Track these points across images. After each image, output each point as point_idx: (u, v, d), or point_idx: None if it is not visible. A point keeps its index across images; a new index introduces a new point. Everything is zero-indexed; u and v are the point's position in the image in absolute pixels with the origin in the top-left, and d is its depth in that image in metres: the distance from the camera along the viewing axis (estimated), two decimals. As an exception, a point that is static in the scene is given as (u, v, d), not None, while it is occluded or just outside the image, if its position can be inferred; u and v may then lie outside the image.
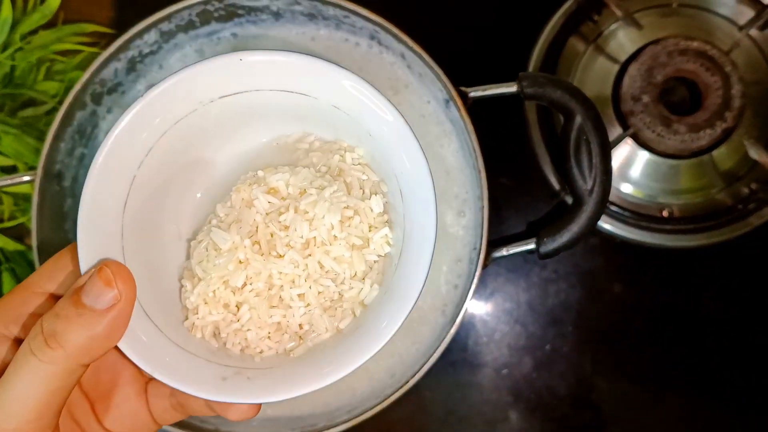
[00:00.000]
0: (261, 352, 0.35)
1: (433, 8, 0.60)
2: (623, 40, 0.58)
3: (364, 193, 0.36)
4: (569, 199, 0.56)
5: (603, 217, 0.57)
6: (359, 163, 0.37)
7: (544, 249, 0.47)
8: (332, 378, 0.31)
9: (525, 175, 0.58)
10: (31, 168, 0.55)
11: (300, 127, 0.38)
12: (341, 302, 0.35)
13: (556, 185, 0.58)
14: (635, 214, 0.58)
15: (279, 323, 0.35)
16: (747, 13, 0.58)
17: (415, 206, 0.33)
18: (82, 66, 0.57)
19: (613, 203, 0.58)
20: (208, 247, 0.35)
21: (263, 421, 0.50)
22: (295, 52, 0.33)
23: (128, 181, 0.33)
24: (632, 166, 0.57)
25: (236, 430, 0.49)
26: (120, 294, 0.28)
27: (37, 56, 0.55)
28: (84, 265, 0.30)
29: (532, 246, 0.48)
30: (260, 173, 0.36)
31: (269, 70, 0.33)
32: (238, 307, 0.35)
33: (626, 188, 0.58)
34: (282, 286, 0.34)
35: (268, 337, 0.35)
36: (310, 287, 0.34)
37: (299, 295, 0.34)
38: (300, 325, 0.35)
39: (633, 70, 0.56)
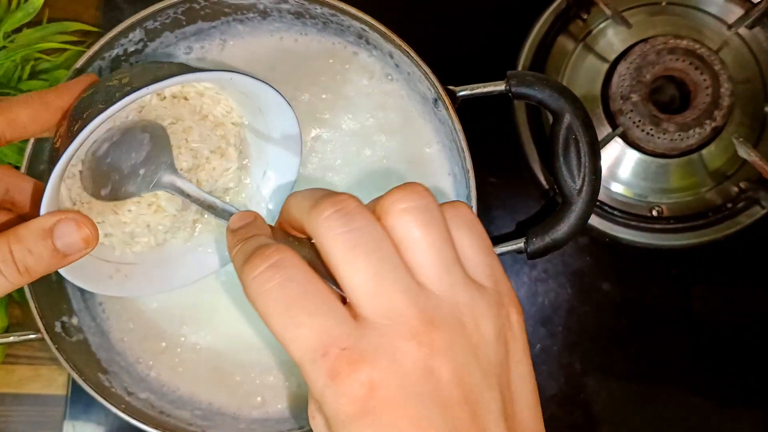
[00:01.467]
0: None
1: (421, 7, 0.59)
2: (612, 38, 0.58)
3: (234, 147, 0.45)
4: (559, 199, 0.56)
5: (592, 216, 0.57)
6: (237, 123, 0.45)
7: (532, 248, 0.47)
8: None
9: (514, 174, 0.58)
10: (16, 167, 0.54)
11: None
12: None
13: (546, 184, 0.58)
14: (625, 213, 0.58)
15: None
16: (736, 12, 0.58)
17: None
18: (68, 65, 0.56)
19: (602, 202, 0.58)
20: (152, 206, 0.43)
21: (251, 422, 0.50)
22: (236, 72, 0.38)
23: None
24: (621, 165, 0.57)
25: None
26: (90, 245, 0.34)
27: (21, 55, 0.55)
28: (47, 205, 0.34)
29: (520, 245, 0.47)
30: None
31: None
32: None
33: (616, 187, 0.58)
34: None
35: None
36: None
37: None
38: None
39: (622, 68, 0.56)
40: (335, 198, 0.27)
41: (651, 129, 0.55)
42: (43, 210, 0.34)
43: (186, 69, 0.38)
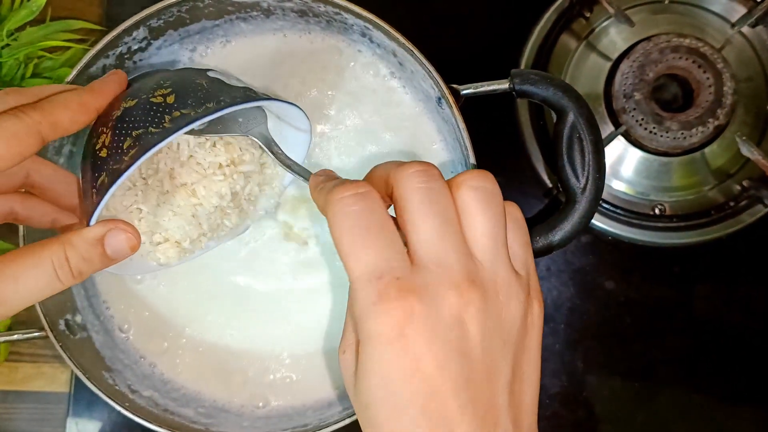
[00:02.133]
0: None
1: (425, 5, 0.59)
2: (615, 37, 0.58)
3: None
4: (562, 197, 0.56)
5: (595, 214, 0.57)
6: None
7: (536, 247, 0.47)
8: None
9: (517, 172, 0.58)
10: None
11: None
12: None
13: (549, 183, 0.58)
14: (627, 212, 0.58)
15: None
16: (739, 10, 0.58)
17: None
18: (71, 63, 0.56)
19: (605, 201, 0.58)
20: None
21: (255, 420, 0.50)
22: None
23: None
24: (624, 163, 0.57)
25: (227, 430, 0.48)
26: (135, 250, 0.37)
27: (24, 53, 0.55)
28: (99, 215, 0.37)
29: (524, 244, 0.48)
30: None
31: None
32: None
33: (618, 186, 0.58)
34: None
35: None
36: None
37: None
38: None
39: (625, 67, 0.56)
40: (422, 161, 0.32)
41: (654, 127, 0.55)
42: (94, 219, 0.37)
43: (228, 90, 0.40)
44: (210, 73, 0.42)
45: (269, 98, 0.41)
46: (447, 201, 0.31)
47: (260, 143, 0.45)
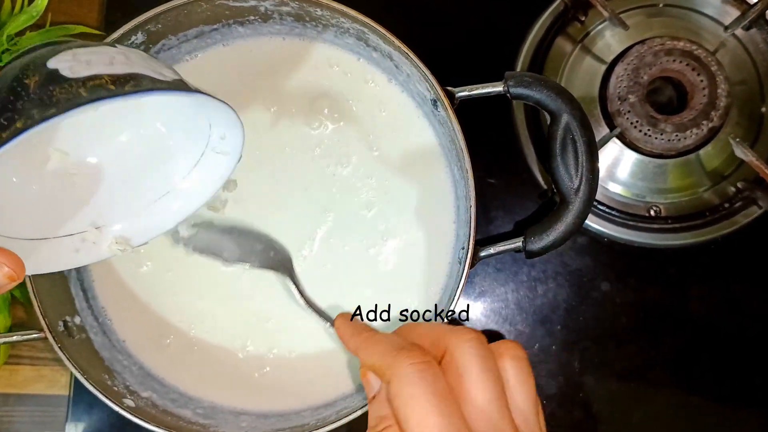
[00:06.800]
0: None
1: (420, 9, 0.60)
2: (610, 40, 0.59)
3: None
4: (557, 198, 0.56)
5: (591, 216, 0.57)
6: None
7: (531, 248, 0.48)
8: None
9: (513, 174, 0.59)
10: None
11: None
12: None
13: (544, 185, 0.58)
14: (623, 213, 0.58)
15: None
16: (732, 13, 0.58)
17: None
18: (70, 67, 0.57)
19: (600, 202, 0.58)
20: None
21: (253, 420, 0.50)
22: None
23: None
24: (619, 165, 0.58)
25: (225, 431, 0.49)
26: (15, 281, 0.34)
27: (24, 58, 0.55)
28: None
29: (519, 245, 0.48)
30: None
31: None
32: None
33: (614, 187, 0.58)
34: None
35: None
36: None
37: None
38: None
39: (619, 70, 0.56)
40: (472, 330, 0.34)
41: (648, 130, 0.55)
42: None
43: (51, 95, 0.30)
44: (51, 63, 0.31)
45: (124, 93, 0.31)
46: (497, 371, 0.33)
47: (288, 280, 0.50)
